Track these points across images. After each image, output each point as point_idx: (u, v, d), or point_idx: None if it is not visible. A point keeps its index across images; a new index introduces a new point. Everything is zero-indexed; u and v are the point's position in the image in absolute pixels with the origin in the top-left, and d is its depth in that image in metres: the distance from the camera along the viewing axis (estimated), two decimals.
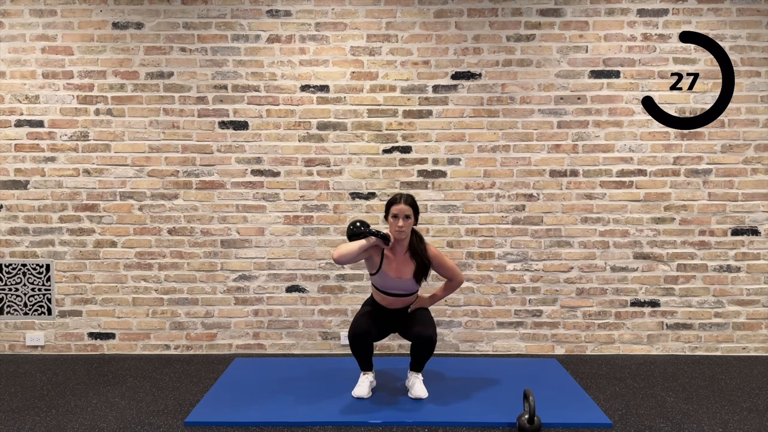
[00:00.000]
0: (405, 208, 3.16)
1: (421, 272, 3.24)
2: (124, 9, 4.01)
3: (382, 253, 3.24)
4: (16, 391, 3.43)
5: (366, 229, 3.16)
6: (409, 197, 3.21)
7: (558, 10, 4.00)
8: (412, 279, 3.24)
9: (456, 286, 3.41)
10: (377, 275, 3.26)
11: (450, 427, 2.93)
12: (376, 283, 3.30)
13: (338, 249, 3.12)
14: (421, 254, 3.22)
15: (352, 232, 3.18)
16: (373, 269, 3.27)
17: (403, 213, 3.15)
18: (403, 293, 3.29)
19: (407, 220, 3.16)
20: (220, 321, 4.13)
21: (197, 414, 3.06)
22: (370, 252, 3.22)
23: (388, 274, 3.23)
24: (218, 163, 4.07)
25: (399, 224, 3.14)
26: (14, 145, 4.05)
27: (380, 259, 3.23)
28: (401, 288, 3.27)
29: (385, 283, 3.26)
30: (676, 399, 3.31)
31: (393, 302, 3.33)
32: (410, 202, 3.19)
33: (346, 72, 4.03)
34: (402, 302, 3.34)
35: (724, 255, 4.07)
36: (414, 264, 3.24)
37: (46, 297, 4.11)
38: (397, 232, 3.16)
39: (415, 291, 3.33)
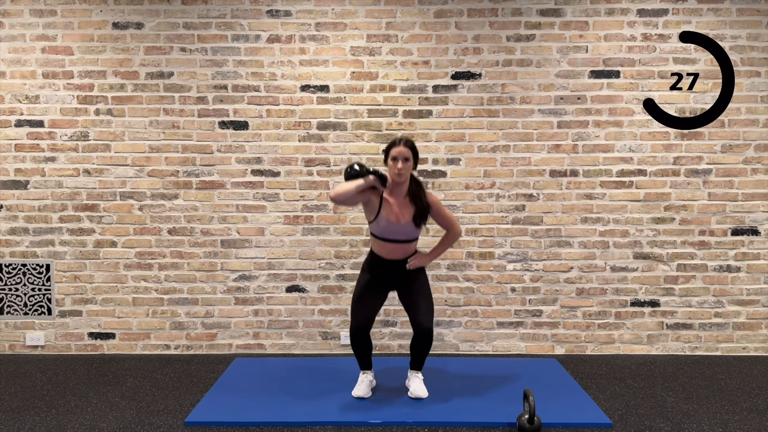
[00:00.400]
0: (404, 150, 3.11)
1: (420, 216, 3.17)
2: (124, 9, 4.01)
3: (381, 198, 3.18)
4: (16, 391, 3.43)
5: (363, 169, 3.11)
6: (408, 140, 3.15)
7: (558, 10, 4.00)
8: (411, 223, 3.17)
9: (454, 238, 3.35)
10: (377, 221, 3.18)
11: (450, 427, 2.93)
12: (375, 230, 3.22)
13: (335, 188, 3.07)
14: (421, 198, 3.19)
15: (349, 174, 3.13)
16: (372, 214, 3.19)
17: (402, 155, 3.10)
18: (402, 239, 3.20)
19: (406, 162, 3.11)
20: (220, 321, 4.13)
21: (197, 414, 3.06)
22: (368, 195, 3.16)
23: (387, 218, 3.15)
24: (218, 163, 4.07)
25: (398, 167, 3.09)
26: (14, 145, 4.05)
27: (379, 204, 3.17)
28: (401, 233, 3.18)
29: (384, 228, 3.17)
30: (676, 399, 3.31)
31: (392, 250, 3.23)
32: (410, 145, 3.14)
33: (346, 72, 4.03)
34: (402, 251, 3.24)
35: (724, 255, 4.07)
36: (413, 208, 3.18)
37: (46, 297, 4.11)
38: (396, 174, 3.11)
39: (414, 237, 3.24)
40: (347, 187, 3.05)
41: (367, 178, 3.08)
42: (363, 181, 3.07)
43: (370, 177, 3.09)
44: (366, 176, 3.09)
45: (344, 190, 3.04)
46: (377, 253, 3.28)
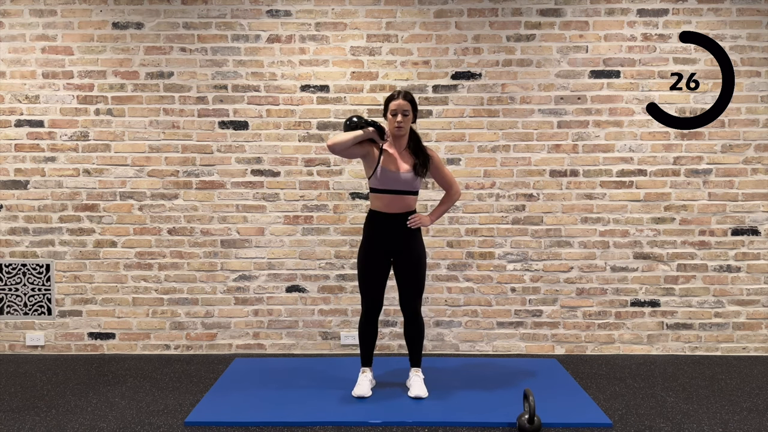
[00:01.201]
0: (403, 103, 3.10)
1: (420, 165, 3.16)
2: (124, 9, 4.01)
3: (381, 150, 3.18)
4: (16, 391, 3.43)
5: (362, 121, 3.10)
6: (407, 93, 3.14)
7: (558, 10, 4.00)
8: (411, 172, 3.15)
9: (454, 198, 3.34)
10: (376, 172, 3.15)
11: (450, 427, 2.93)
12: (374, 183, 3.18)
13: (332, 137, 3.06)
14: (421, 150, 3.19)
15: (348, 126, 3.12)
16: (371, 166, 3.18)
17: (401, 108, 3.09)
18: (403, 189, 3.16)
19: (406, 116, 3.11)
20: (220, 321, 4.13)
21: (197, 414, 3.06)
22: (367, 149, 3.16)
23: (388, 168, 3.14)
24: (218, 163, 4.07)
25: (398, 120, 3.09)
26: (14, 145, 4.05)
27: (379, 156, 3.17)
28: (401, 182, 3.15)
29: (384, 178, 3.14)
30: (676, 399, 3.31)
31: (392, 201, 3.16)
32: (409, 99, 3.13)
33: (346, 72, 4.03)
34: (401, 203, 3.18)
35: (724, 255, 4.07)
36: (413, 158, 3.19)
37: (46, 297, 4.11)
38: (396, 128, 3.11)
39: (415, 190, 3.21)
40: (344, 137, 3.05)
41: (366, 130, 3.08)
42: (361, 132, 3.07)
43: (369, 129, 3.09)
44: (365, 128, 3.09)
45: (341, 140, 3.05)
46: (377, 209, 3.22)
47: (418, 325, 3.31)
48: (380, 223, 3.21)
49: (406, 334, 3.35)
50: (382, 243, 3.21)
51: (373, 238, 3.22)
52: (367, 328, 3.32)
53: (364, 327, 3.32)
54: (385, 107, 3.18)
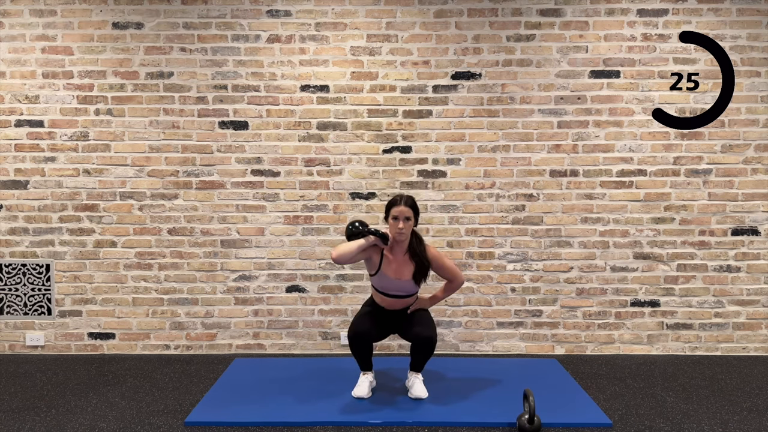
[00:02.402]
0: (405, 209, 3.16)
1: (420, 273, 3.23)
2: (124, 9, 4.01)
3: (382, 254, 3.24)
4: (16, 391, 3.43)
5: (365, 229, 3.18)
6: (409, 199, 3.20)
7: (558, 10, 4.00)
8: (411, 280, 3.24)
9: (456, 287, 3.40)
10: (376, 276, 3.26)
11: (450, 427, 2.93)
12: (375, 284, 3.30)
13: (337, 248, 3.13)
14: (421, 255, 3.22)
15: (350, 232, 3.21)
16: (372, 270, 3.27)
17: (403, 215, 3.15)
18: (402, 294, 3.29)
19: (407, 221, 3.17)
20: (220, 321, 4.13)
21: (197, 414, 3.06)
22: (369, 252, 3.23)
23: (387, 275, 3.23)
24: (218, 163, 4.07)
25: (399, 226, 3.15)
26: (14, 145, 4.05)
27: (380, 260, 3.23)
28: (400, 289, 3.26)
29: (384, 284, 3.26)
30: (676, 399, 3.31)
31: (392, 303, 3.32)
32: (410, 204, 3.19)
33: (346, 72, 4.03)
34: (401, 303, 3.34)
35: (724, 255, 4.07)
36: (413, 265, 3.24)
37: (46, 297, 4.11)
38: (397, 233, 3.16)
39: (414, 292, 3.33)
40: (349, 248, 3.12)
41: (368, 238, 3.16)
42: (364, 241, 3.15)
43: (371, 237, 3.16)
44: (367, 236, 3.16)
45: (345, 251, 3.12)
46: (378, 303, 3.37)
47: (429, 347, 3.21)
48: (381, 310, 3.37)
49: (413, 350, 3.26)
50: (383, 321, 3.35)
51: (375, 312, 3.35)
52: (359, 344, 3.22)
53: (356, 344, 3.22)
54: (386, 212, 3.22)
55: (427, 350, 3.21)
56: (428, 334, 3.17)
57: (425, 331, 3.18)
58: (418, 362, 3.28)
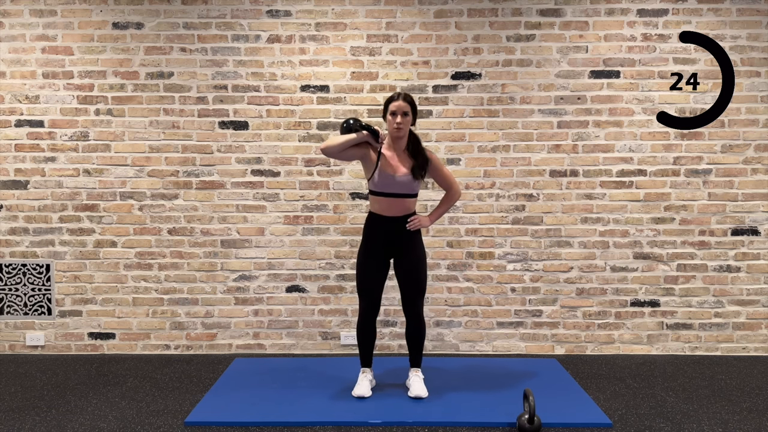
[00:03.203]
0: (403, 104, 3.11)
1: (419, 168, 3.16)
2: (124, 9, 4.01)
3: (380, 153, 3.19)
4: (16, 391, 3.43)
5: (356, 124, 3.14)
6: (407, 95, 3.15)
7: (558, 10, 4.00)
8: (409, 175, 3.15)
9: (454, 199, 3.34)
10: (374, 175, 3.17)
11: (450, 427, 2.93)
12: (373, 186, 3.19)
13: (326, 140, 3.10)
14: (420, 152, 3.19)
15: (344, 129, 3.16)
16: (369, 169, 3.20)
17: (401, 110, 3.10)
18: (401, 192, 3.17)
19: (405, 117, 3.12)
20: (220, 321, 4.13)
21: (197, 414, 3.06)
22: (364, 151, 3.18)
23: (386, 171, 3.15)
24: (218, 163, 4.07)
25: (397, 120, 3.10)
26: (14, 145, 4.05)
27: (377, 159, 3.18)
28: (399, 185, 3.15)
29: (383, 181, 3.15)
30: (676, 399, 3.31)
31: (391, 205, 3.18)
32: (408, 100, 3.14)
33: (346, 72, 4.03)
34: (400, 206, 3.19)
35: (724, 255, 4.07)
36: (412, 161, 3.19)
37: (46, 297, 4.11)
38: (395, 129, 3.11)
39: (413, 192, 3.21)
40: (337, 140, 3.09)
41: (360, 134, 3.11)
42: (354, 135, 3.10)
43: (363, 132, 3.11)
44: (359, 131, 3.11)
45: (333, 143, 3.09)
46: (376, 211, 3.24)
47: (420, 326, 3.31)
48: (379, 225, 3.22)
49: (407, 335, 3.35)
50: (381, 245, 3.23)
51: (372, 240, 3.24)
52: (366, 329, 3.32)
53: (363, 328, 3.32)
54: (384, 108, 3.19)
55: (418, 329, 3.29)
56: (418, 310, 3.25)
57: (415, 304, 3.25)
58: (416, 350, 3.32)
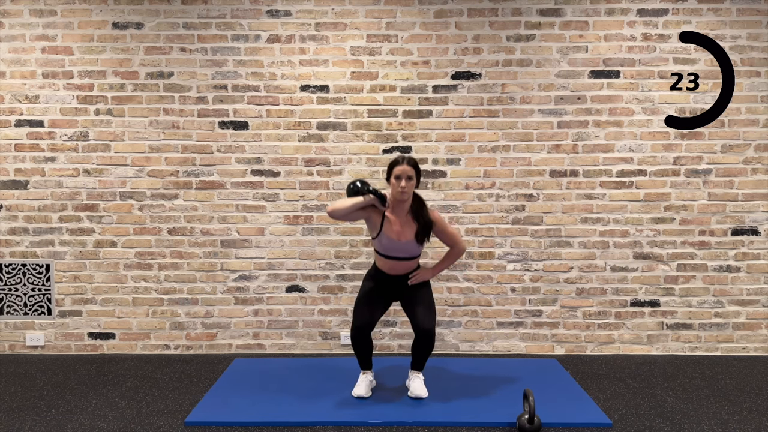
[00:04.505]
0: (408, 169, 3.13)
1: (422, 233, 3.18)
2: (124, 9, 4.01)
3: (383, 215, 3.20)
4: (16, 391, 3.43)
5: (364, 188, 3.16)
6: (411, 159, 3.17)
7: (558, 10, 4.00)
8: (413, 240, 3.19)
9: (458, 255, 3.35)
10: (378, 238, 3.20)
11: (450, 427, 2.93)
12: (377, 246, 3.24)
13: (333, 203, 3.13)
14: (423, 216, 3.20)
15: (351, 190, 3.19)
16: (374, 231, 3.22)
17: (405, 174, 3.12)
18: (404, 256, 3.23)
19: (410, 181, 3.13)
20: (220, 321, 4.13)
21: (197, 414, 3.06)
22: (369, 213, 3.20)
23: (389, 236, 3.18)
24: (218, 163, 4.07)
25: (401, 185, 3.11)
26: (14, 145, 4.05)
27: (381, 222, 3.20)
28: (402, 250, 3.21)
29: (386, 245, 3.20)
30: (676, 399, 3.31)
31: (394, 266, 3.26)
32: (413, 164, 3.15)
33: (346, 72, 4.03)
34: (404, 267, 3.27)
35: (724, 255, 4.07)
36: (416, 225, 3.20)
37: (46, 297, 4.11)
38: (399, 193, 3.12)
39: (416, 255, 3.26)
40: (344, 203, 3.12)
41: (366, 197, 3.14)
42: (362, 199, 3.13)
43: (369, 196, 3.14)
44: (365, 194, 3.14)
45: (340, 207, 3.12)
46: (380, 267, 3.32)
47: (429, 343, 3.23)
48: (383, 279, 3.32)
49: (414, 347, 3.28)
50: (384, 291, 3.32)
51: (375, 286, 3.32)
52: (361, 341, 3.26)
53: (358, 340, 3.26)
54: (388, 171, 3.19)
55: (427, 344, 3.22)
56: (429, 326, 3.18)
57: (427, 322, 3.18)
58: (419, 360, 3.28)
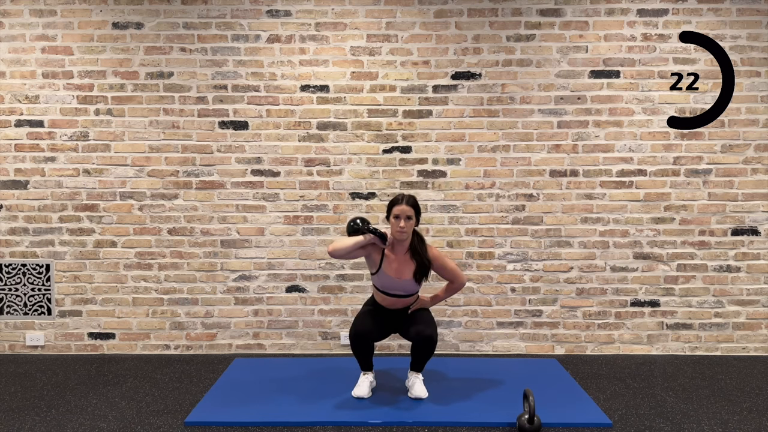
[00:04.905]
0: (407, 209, 3.16)
1: (421, 272, 3.23)
2: (124, 9, 4.01)
3: (383, 253, 3.24)
4: (16, 391, 3.43)
5: (364, 226, 3.19)
6: (411, 198, 3.20)
7: (558, 10, 4.00)
8: (412, 279, 3.23)
9: (457, 288, 3.38)
10: (377, 275, 3.26)
11: (450, 427, 2.93)
12: (376, 283, 3.30)
13: (333, 243, 3.17)
14: (422, 255, 3.22)
15: (351, 229, 3.24)
16: (373, 269, 3.27)
17: (404, 214, 3.15)
18: (402, 294, 3.29)
19: (409, 221, 3.16)
20: (220, 321, 4.13)
21: (197, 414, 3.06)
22: (369, 250, 3.24)
23: (388, 274, 3.23)
24: (218, 163, 4.07)
25: (401, 225, 3.14)
26: (14, 145, 4.05)
27: (380, 259, 3.24)
28: (401, 288, 3.26)
29: (385, 283, 3.26)
30: (676, 399, 3.31)
31: (393, 303, 3.32)
32: (412, 203, 3.19)
33: (346, 72, 4.03)
34: (402, 303, 3.34)
35: (724, 255, 4.07)
36: (414, 264, 3.23)
37: (46, 297, 4.11)
38: (398, 232, 3.16)
39: (415, 292, 3.32)
40: (345, 243, 3.15)
41: (366, 236, 3.16)
42: (362, 238, 3.16)
43: (369, 235, 3.16)
44: (366, 234, 3.17)
45: (341, 246, 3.14)
46: (378, 302, 3.36)
47: (429, 346, 3.20)
48: (382, 309, 3.37)
49: (414, 349, 3.25)
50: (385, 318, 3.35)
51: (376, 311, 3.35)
52: (359, 345, 3.22)
53: (357, 344, 3.22)
54: (388, 210, 3.22)
55: (427, 349, 3.21)
56: (429, 333, 3.17)
57: (426, 330, 3.17)
58: (419, 362, 3.28)
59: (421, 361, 3.27)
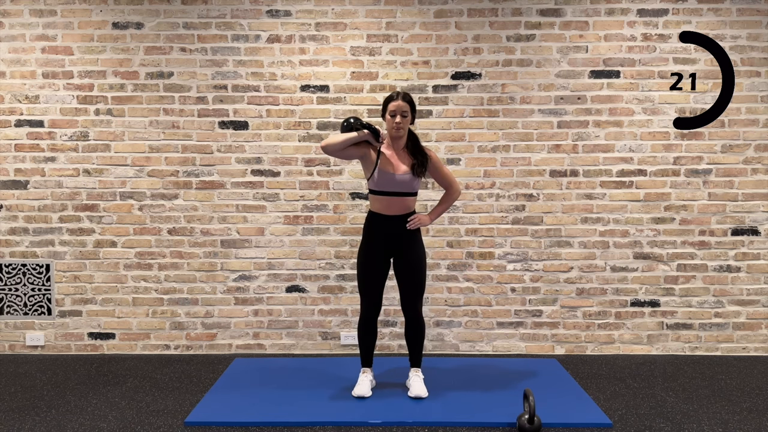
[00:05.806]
0: (402, 104, 3.11)
1: (419, 165, 3.16)
2: (124, 9, 4.01)
3: (379, 153, 3.19)
4: (16, 391, 3.43)
5: (357, 123, 3.14)
6: (406, 94, 3.15)
7: (558, 10, 4.00)
8: (409, 173, 3.15)
9: (454, 197, 3.34)
10: (374, 174, 3.16)
11: (450, 427, 2.93)
12: (373, 185, 3.19)
13: (326, 138, 3.12)
14: (419, 151, 3.19)
15: (344, 127, 3.16)
16: (369, 168, 3.19)
17: (400, 110, 3.10)
18: (400, 191, 3.17)
19: (405, 117, 3.12)
20: (220, 321, 4.13)
21: (197, 414, 3.06)
22: (365, 150, 3.18)
23: (385, 169, 3.15)
24: (218, 163, 4.07)
25: (396, 121, 3.10)
26: (14, 145, 4.05)
27: (377, 158, 3.18)
28: (398, 185, 3.15)
29: (383, 180, 3.15)
30: (676, 399, 3.31)
31: (391, 203, 3.17)
32: (408, 100, 3.13)
33: (346, 72, 4.03)
34: (400, 205, 3.19)
35: (724, 255, 4.07)
36: (411, 159, 3.19)
37: (46, 297, 4.11)
38: (394, 129, 3.12)
39: (413, 190, 3.21)
40: (337, 138, 3.10)
41: (361, 132, 3.11)
42: (355, 134, 3.10)
43: (363, 131, 3.11)
44: (359, 130, 3.11)
45: (333, 141, 3.10)
46: (376, 210, 3.23)
47: (419, 326, 3.31)
48: (379, 224, 3.22)
49: (406, 335, 3.35)
50: (381, 244, 3.22)
51: (372, 240, 3.23)
52: (367, 329, 3.32)
53: (364, 328, 3.32)
54: (383, 108, 3.18)
55: (417, 329, 3.29)
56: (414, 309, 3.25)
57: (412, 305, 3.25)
58: (415, 350, 3.32)
59: (416, 347, 3.32)
